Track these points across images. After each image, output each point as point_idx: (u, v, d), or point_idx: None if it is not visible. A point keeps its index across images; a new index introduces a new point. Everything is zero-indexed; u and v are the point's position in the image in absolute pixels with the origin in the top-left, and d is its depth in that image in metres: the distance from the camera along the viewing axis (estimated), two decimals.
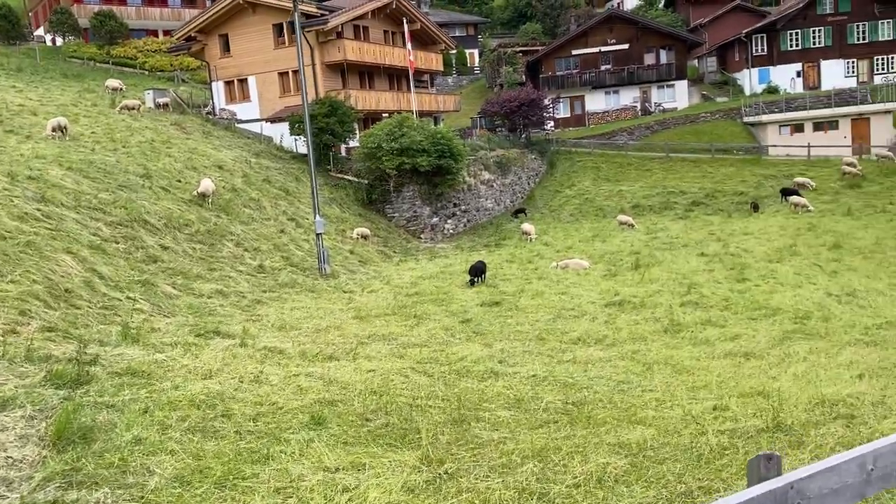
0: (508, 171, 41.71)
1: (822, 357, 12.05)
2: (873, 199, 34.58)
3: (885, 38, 52.61)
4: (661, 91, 55.22)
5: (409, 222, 33.54)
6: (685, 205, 39.19)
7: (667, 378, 10.76)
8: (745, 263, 23.49)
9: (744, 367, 11.77)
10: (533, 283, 22.27)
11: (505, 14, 76.68)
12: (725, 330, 15.19)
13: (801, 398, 8.62)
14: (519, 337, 14.66)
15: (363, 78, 43.25)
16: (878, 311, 16.27)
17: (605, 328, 15.65)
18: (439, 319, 16.41)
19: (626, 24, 54.86)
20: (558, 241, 32.09)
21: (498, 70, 59.04)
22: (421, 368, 11.08)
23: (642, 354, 13.01)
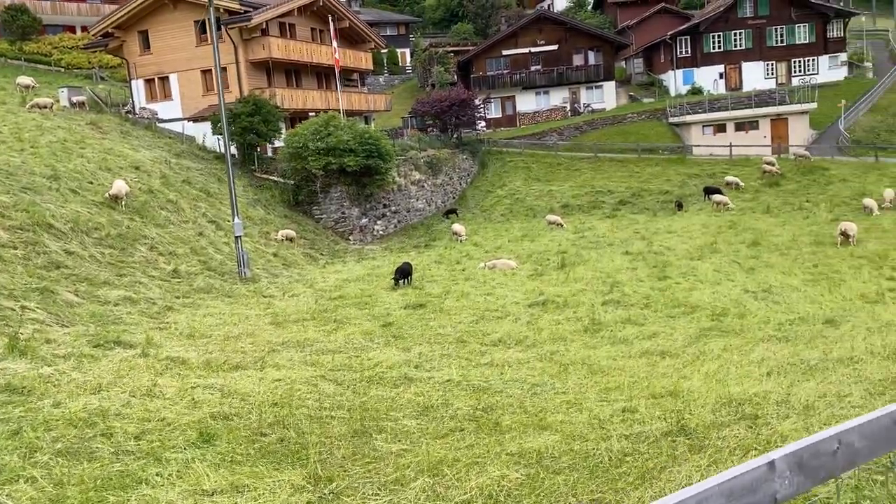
0: (440, 172, 41.50)
1: (735, 354, 12.15)
2: (791, 197, 35.72)
3: (801, 41, 54.59)
4: (590, 92, 55.96)
5: (337, 224, 32.96)
6: (613, 204, 39.73)
7: (581, 379, 10.64)
8: (668, 261, 23.84)
9: (658, 366, 11.77)
10: (459, 284, 22.07)
11: (437, 14, 76.54)
12: (644, 328, 15.27)
13: (710, 398, 8.58)
14: (439, 340, 14.39)
15: (290, 76, 42.39)
16: (792, 307, 16.64)
17: (527, 329, 15.53)
18: (360, 324, 16.01)
19: (554, 25, 55.39)
20: (488, 241, 32.03)
21: (429, 70, 58.84)
22: (332, 376, 10.68)
23: (560, 355, 12.90)
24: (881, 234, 26.24)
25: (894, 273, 19.70)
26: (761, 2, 53.86)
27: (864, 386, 8.26)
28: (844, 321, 14.73)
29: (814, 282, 19.39)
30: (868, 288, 18.08)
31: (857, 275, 19.81)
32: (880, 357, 10.33)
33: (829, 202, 33.75)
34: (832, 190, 35.67)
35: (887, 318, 14.58)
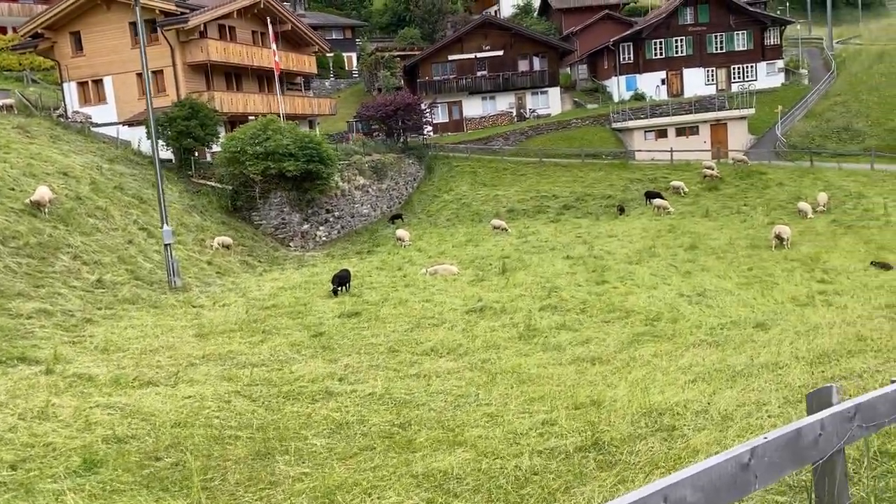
0: (385, 176, 41.06)
1: (664, 360, 12.06)
2: (729, 201, 36.31)
3: (740, 48, 55.80)
4: (536, 97, 56.23)
5: (277, 230, 32.25)
6: (557, 208, 39.85)
7: (508, 390, 10.39)
8: (607, 266, 23.88)
9: (588, 373, 11.61)
10: (399, 290, 21.72)
11: (384, 18, 76.09)
12: (578, 334, 15.15)
13: (631, 408, 8.40)
14: (370, 350, 14.01)
15: (230, 79, 41.48)
16: (724, 311, 16.71)
17: (462, 336, 15.27)
18: (289, 334, 15.53)
19: (499, 30, 55.52)
20: (432, 246, 31.73)
21: (376, 74, 58.38)
22: (247, 392, 10.21)
23: (492, 364, 12.66)
24: (814, 237, 26.79)
25: (825, 276, 20.03)
26: (701, 9, 54.89)
27: (784, 393, 8.17)
28: (774, 324, 14.83)
29: (747, 285, 19.57)
30: (799, 291, 18.30)
31: (790, 278, 20.08)
32: (804, 362, 10.32)
33: (766, 206, 34.40)
34: (769, 194, 36.39)
35: (815, 320, 14.70)
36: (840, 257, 22.35)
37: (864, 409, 2.35)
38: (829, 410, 2.28)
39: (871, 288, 18.12)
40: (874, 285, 18.45)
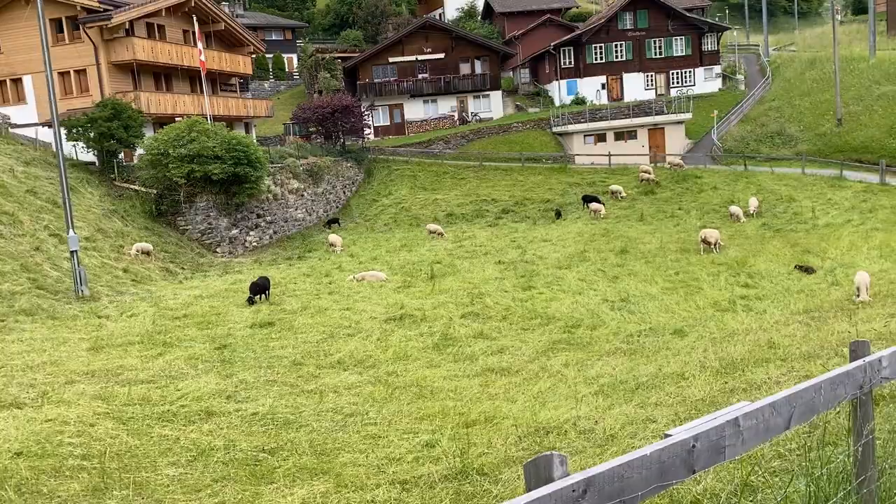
0: (321, 180, 40.17)
1: (573, 370, 11.66)
2: (665, 205, 36.49)
3: (678, 53, 56.47)
4: (478, 101, 55.96)
5: (203, 235, 31.12)
6: (496, 213, 39.54)
7: (403, 406, 9.81)
8: (536, 271, 23.55)
9: (493, 385, 11.11)
10: (322, 298, 20.99)
11: (326, 20, 75.01)
12: (495, 343, 14.69)
13: (521, 426, 7.91)
14: (273, 363, 13.28)
15: (159, 80, 40.11)
16: (645, 318, 16.47)
17: (374, 347, 14.65)
18: (191, 346, 14.67)
19: (441, 33, 55.11)
20: (366, 251, 31.04)
21: (316, 76, 57.35)
22: (119, 413, 9.40)
23: (397, 377, 12.07)
24: (743, 240, 26.94)
25: (749, 280, 20.02)
26: (641, 14, 55.39)
27: (677, 409, 7.78)
28: (692, 331, 14.61)
29: (672, 290, 19.42)
30: (722, 296, 18.20)
31: (714, 282, 20.02)
32: (710, 372, 10.00)
33: (700, 210, 34.65)
34: (703, 198, 36.69)
35: (733, 326, 14.54)
36: (766, 261, 22.42)
37: (599, 483, 1.84)
38: (548, 488, 1.75)
39: (792, 292, 18.14)
40: (795, 289, 18.49)
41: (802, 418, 2.58)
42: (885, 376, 2.95)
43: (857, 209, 30.75)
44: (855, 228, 27.26)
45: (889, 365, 2.99)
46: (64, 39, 37.02)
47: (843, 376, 2.74)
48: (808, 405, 2.57)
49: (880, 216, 28.86)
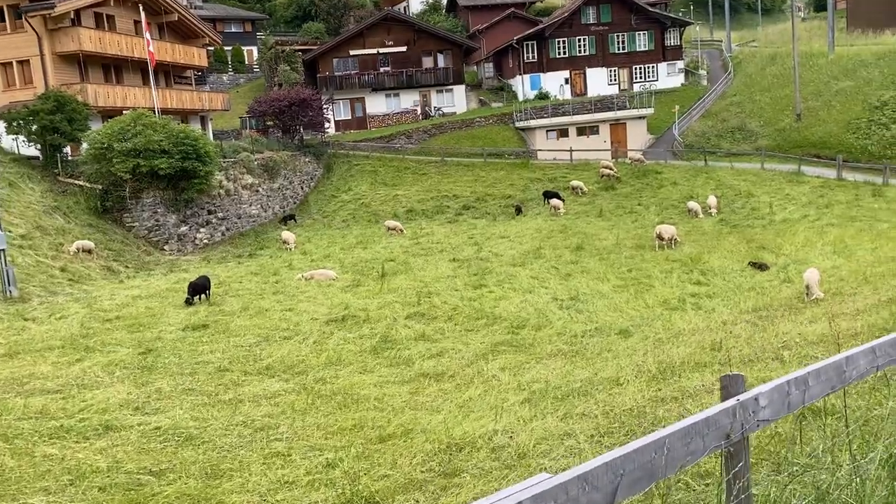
0: (277, 175, 39.22)
1: (508, 375, 11.14)
2: (624, 201, 36.22)
3: (642, 48, 56.32)
4: (441, 95, 55.28)
5: (150, 232, 30.09)
6: (456, 209, 38.96)
7: (321, 418, 9.20)
8: (490, 268, 23.03)
9: (422, 392, 10.54)
10: (265, 298, 20.25)
11: (288, 12, 73.66)
12: (436, 345, 14.13)
13: (434, 442, 7.33)
14: (197, 370, 12.58)
15: (108, 71, 38.81)
16: (593, 317, 16.03)
17: (309, 351, 14.02)
18: (114, 351, 13.91)
19: (403, 26, 54.29)
20: (320, 249, 30.29)
21: (275, 69, 56.22)
22: (8, 429, 8.64)
23: (325, 383, 11.46)
24: (700, 236, 26.70)
25: (702, 277, 19.70)
26: (604, 9, 55.10)
27: (600, 422, 7.26)
28: (637, 331, 14.19)
29: (623, 288, 19.02)
30: (672, 294, 17.84)
31: (667, 280, 19.66)
32: (646, 377, 9.54)
33: (659, 205, 34.43)
34: (663, 193, 36.49)
35: (680, 326, 14.15)
36: (720, 258, 22.14)
37: None
38: None
39: (743, 290, 17.84)
40: (747, 286, 18.19)
41: (636, 488, 2.01)
42: (763, 419, 2.43)
43: (813, 204, 30.75)
44: (811, 224, 27.19)
45: (769, 404, 2.47)
46: (6, 29, 35.61)
47: (702, 424, 2.20)
48: (644, 470, 2.00)
49: (836, 211, 28.85)
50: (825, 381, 2.74)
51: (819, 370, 2.72)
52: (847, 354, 2.89)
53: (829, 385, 2.77)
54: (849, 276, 16.91)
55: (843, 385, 2.88)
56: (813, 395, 2.69)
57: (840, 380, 2.83)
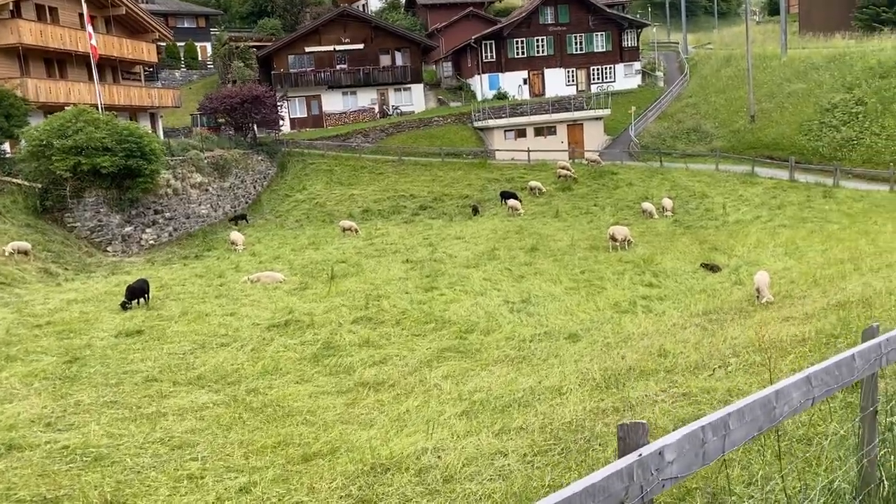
0: (228, 174, 38.25)
1: (451, 384, 10.69)
2: (581, 202, 36.10)
3: (599, 49, 56.48)
4: (399, 94, 54.72)
5: (93, 233, 28.97)
6: (413, 209, 38.44)
7: (245, 434, 8.64)
8: (443, 270, 22.57)
9: (359, 404, 10.03)
10: (207, 302, 19.50)
11: (244, 8, 72.24)
12: (380, 351, 13.62)
13: (360, 461, 6.83)
14: (123, 380, 11.88)
15: (51, 66, 37.44)
16: (543, 320, 15.68)
17: (246, 359, 13.39)
18: (37, 360, 13.11)
19: (359, 23, 53.57)
20: (270, 250, 29.49)
21: (229, 65, 55.03)
22: None
23: (258, 395, 10.87)
24: (654, 237, 26.61)
25: (653, 279, 19.51)
26: (562, 9, 55.11)
27: (536, 438, 6.84)
28: (587, 335, 13.87)
29: (575, 290, 18.73)
30: (624, 296, 17.59)
31: (619, 282, 19.42)
32: (590, 386, 9.18)
33: (615, 206, 34.38)
34: (619, 194, 36.46)
35: (630, 330, 13.86)
36: (673, 259, 22.01)
37: None
38: None
39: (694, 292, 17.67)
40: (698, 288, 18.04)
41: None
42: (669, 476, 1.99)
43: (766, 205, 30.94)
44: (763, 225, 27.30)
45: (678, 457, 2.04)
46: None
47: (584, 497, 1.73)
48: None
49: (788, 213, 29.05)
50: (750, 421, 2.33)
51: (742, 410, 2.30)
52: (777, 388, 2.49)
53: (755, 426, 2.36)
54: (799, 278, 16.83)
55: (772, 424, 2.48)
56: (735, 441, 2.28)
57: (769, 419, 2.43)
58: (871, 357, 3.05)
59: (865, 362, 3.08)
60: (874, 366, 3.12)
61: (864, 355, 3.08)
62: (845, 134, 37.40)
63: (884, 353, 3.15)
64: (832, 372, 2.78)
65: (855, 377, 3.03)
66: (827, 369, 2.79)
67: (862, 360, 3.03)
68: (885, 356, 3.16)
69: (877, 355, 3.15)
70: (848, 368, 2.96)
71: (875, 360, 3.08)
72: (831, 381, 2.79)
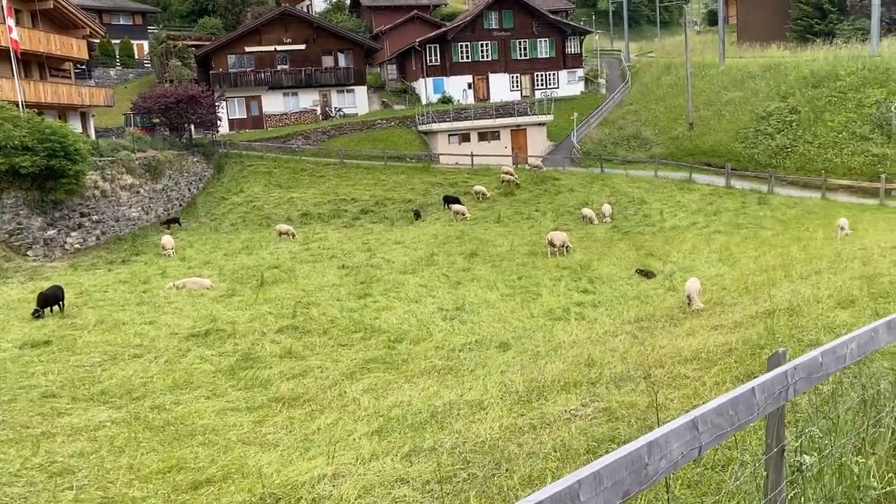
0: (161, 176, 36.93)
1: (368, 399, 10.16)
2: (523, 207, 35.93)
3: (543, 55, 56.65)
4: (342, 96, 53.89)
5: (11, 236, 27.48)
6: (354, 213, 37.74)
7: (137, 457, 7.95)
8: (379, 276, 22.02)
9: (268, 421, 9.41)
10: (127, 310, 18.55)
11: (184, 6, 70.36)
12: (302, 363, 12.99)
13: (249, 490, 6.24)
14: (18, 396, 11.01)
15: None
16: (475, 328, 15.26)
17: (158, 371, 12.62)
18: None
19: (301, 23, 52.57)
20: (201, 255, 28.49)
21: (166, 64, 53.38)
22: None
23: (161, 411, 10.15)
24: (592, 243, 26.52)
25: (589, 285, 19.30)
26: (506, 14, 55.09)
27: (443, 460, 6.36)
28: (517, 343, 13.50)
29: (511, 296, 18.39)
30: (558, 302, 17.31)
31: (555, 288, 19.16)
32: (512, 399, 8.76)
33: (556, 212, 34.30)
34: (560, 199, 36.42)
35: (561, 338, 13.54)
36: (609, 265, 21.89)
37: None
38: None
39: (628, 298, 17.50)
40: (632, 295, 17.88)
41: None
42: None
43: (702, 212, 31.23)
44: (699, 231, 27.48)
45: None
46: None
47: None
48: None
49: (723, 219, 29.33)
50: (610, 487, 1.87)
51: (600, 473, 1.83)
52: (651, 438, 2.03)
53: (617, 491, 1.89)
54: (731, 284, 16.80)
55: (643, 487, 2.02)
56: None
57: (638, 480, 1.96)
58: (776, 389, 2.66)
59: (769, 396, 2.67)
60: (779, 399, 2.73)
61: (768, 388, 2.68)
62: (780, 142, 38.14)
63: (791, 384, 2.75)
64: (725, 412, 2.36)
65: (756, 415, 2.62)
66: (719, 409, 2.37)
67: (764, 393, 2.63)
68: (792, 387, 2.77)
69: (782, 387, 2.75)
70: (747, 405, 2.55)
71: (780, 393, 2.68)
72: (725, 424, 2.37)
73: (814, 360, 2.92)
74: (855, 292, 11.45)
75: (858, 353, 3.26)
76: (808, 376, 2.84)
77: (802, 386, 2.83)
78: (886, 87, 36.34)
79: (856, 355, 3.24)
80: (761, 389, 2.57)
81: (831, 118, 37.02)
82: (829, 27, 51.49)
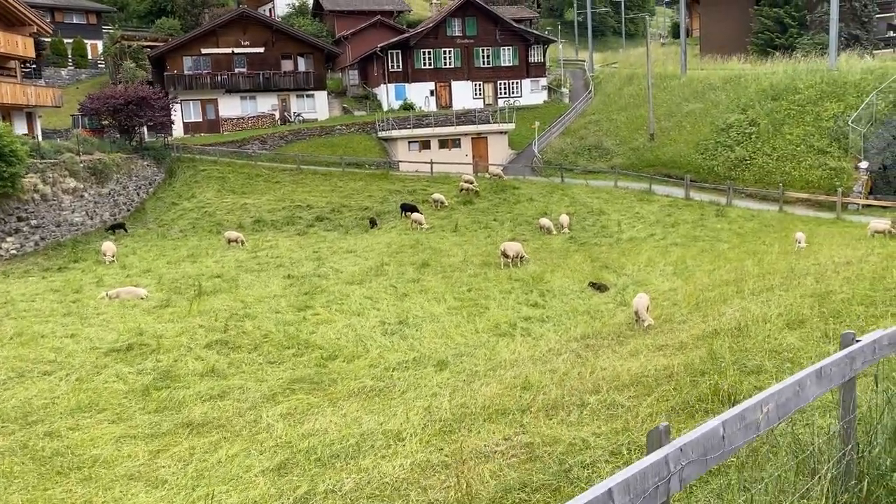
0: (108, 179, 35.57)
1: (287, 424, 9.35)
2: (481, 216, 35.32)
3: (506, 63, 56.29)
4: (302, 101, 52.87)
5: None
6: (309, 220, 36.75)
7: (7, 496, 7.01)
8: (324, 287, 21.16)
9: (167, 452, 8.55)
10: (50, 321, 17.46)
11: (142, 6, 68.69)
12: (222, 382, 12.11)
13: None
14: None
15: None
16: (416, 344, 14.51)
17: (66, 390, 11.67)
18: None
19: (260, 26, 51.46)
20: (143, 262, 27.34)
21: (120, 65, 51.87)
22: None
23: (54, 438, 9.22)
24: (547, 254, 25.96)
25: (539, 299, 18.66)
26: (469, 22, 54.63)
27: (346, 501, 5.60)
28: (457, 362, 12.78)
29: (458, 310, 17.66)
30: (506, 317, 16.64)
31: (504, 301, 18.50)
32: (431, 431, 8.02)
33: (514, 221, 33.75)
34: (519, 209, 35.90)
35: (503, 356, 12.87)
36: (563, 277, 21.29)
37: None
38: None
39: (578, 313, 16.89)
40: (582, 309, 17.28)
41: None
42: None
43: (661, 223, 30.90)
44: (656, 243, 27.10)
45: None
46: None
47: None
48: None
49: (681, 231, 29.02)
50: None
51: None
52: None
53: None
54: (683, 300, 16.27)
55: None
56: None
57: None
58: (648, 485, 1.96)
59: (635, 498, 1.97)
60: (654, 499, 2.02)
61: (634, 485, 1.98)
62: (739, 154, 38.09)
63: (673, 473, 2.05)
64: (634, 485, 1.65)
65: None
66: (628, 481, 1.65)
67: (629, 496, 1.92)
68: (676, 475, 2.07)
69: (658, 478, 2.05)
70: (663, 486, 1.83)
71: (658, 487, 1.98)
72: None
73: (712, 433, 2.24)
74: (805, 311, 10.94)
75: (777, 417, 2.58)
76: (701, 458, 2.15)
77: (693, 472, 2.14)
78: (844, 101, 36.52)
79: (773, 419, 2.56)
80: (622, 490, 1.85)
81: (790, 131, 37.08)
82: (789, 41, 51.93)
